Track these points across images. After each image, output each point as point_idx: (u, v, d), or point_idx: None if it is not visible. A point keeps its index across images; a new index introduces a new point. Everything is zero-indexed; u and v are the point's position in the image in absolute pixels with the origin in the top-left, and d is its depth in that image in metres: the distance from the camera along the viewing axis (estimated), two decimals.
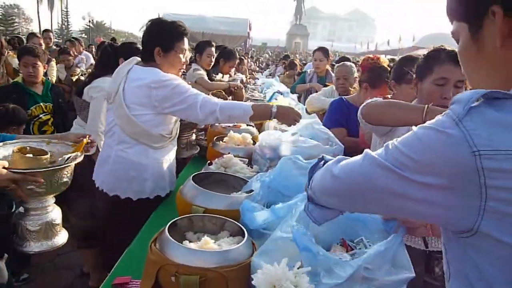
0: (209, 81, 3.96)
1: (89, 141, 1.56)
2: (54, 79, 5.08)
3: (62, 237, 1.44)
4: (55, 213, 1.43)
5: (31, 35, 6.66)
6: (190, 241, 1.26)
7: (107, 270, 1.68)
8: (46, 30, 8.38)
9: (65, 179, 1.37)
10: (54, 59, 5.45)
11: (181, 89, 1.99)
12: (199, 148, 2.62)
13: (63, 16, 50.45)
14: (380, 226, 1.31)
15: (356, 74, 3.43)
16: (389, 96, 2.66)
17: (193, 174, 1.67)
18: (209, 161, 2.08)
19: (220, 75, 4.34)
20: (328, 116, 2.95)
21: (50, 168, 1.33)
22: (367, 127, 1.83)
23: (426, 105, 1.47)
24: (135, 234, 1.89)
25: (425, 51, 1.86)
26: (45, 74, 3.88)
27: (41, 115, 3.15)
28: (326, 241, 1.33)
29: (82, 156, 1.47)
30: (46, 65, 3.67)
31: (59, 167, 1.35)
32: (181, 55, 2.12)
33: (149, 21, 2.18)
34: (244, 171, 1.95)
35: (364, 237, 1.33)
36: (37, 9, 48.82)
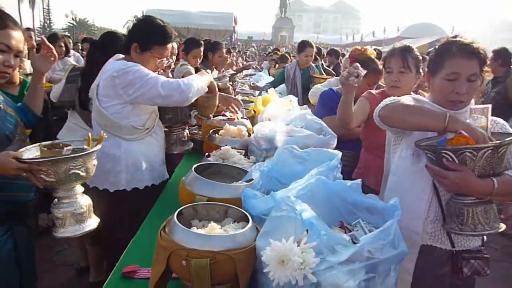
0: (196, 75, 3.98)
1: (106, 136, 1.64)
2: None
3: (91, 223, 1.56)
4: (83, 202, 1.53)
5: (26, 30, 6.57)
6: (197, 228, 1.32)
7: (108, 262, 1.77)
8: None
9: (74, 171, 1.43)
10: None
11: (141, 73, 2.04)
12: (191, 145, 2.64)
13: (45, 14, 49.60)
14: (378, 208, 1.39)
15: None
16: (376, 85, 2.76)
17: (195, 165, 1.72)
18: (206, 154, 2.13)
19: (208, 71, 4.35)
20: (319, 106, 3.06)
21: (50, 158, 1.41)
22: (383, 127, 1.80)
23: (448, 114, 1.49)
24: (118, 224, 2.06)
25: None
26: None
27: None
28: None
29: (95, 148, 1.54)
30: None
31: (58, 157, 1.43)
32: (156, 59, 2.16)
33: (140, 17, 2.28)
34: (242, 161, 2.01)
35: (361, 220, 1.41)
36: (18, 7, 47.82)
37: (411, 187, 1.67)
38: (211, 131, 2.52)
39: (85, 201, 1.55)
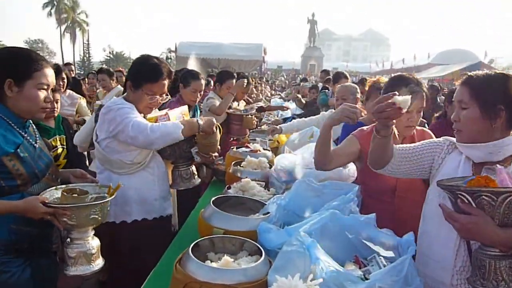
0: (218, 107, 4.01)
1: (122, 185, 1.73)
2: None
3: (97, 264, 1.63)
4: (93, 244, 1.62)
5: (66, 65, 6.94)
6: (211, 261, 1.36)
7: None
8: (66, 64, 8.69)
9: (93, 216, 1.56)
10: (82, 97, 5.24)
11: (121, 111, 2.08)
12: (198, 181, 2.46)
13: (84, 48, 52.53)
14: (392, 243, 1.39)
15: (359, 95, 3.41)
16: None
17: (213, 198, 1.78)
18: (227, 185, 2.18)
19: (235, 103, 4.43)
20: (344, 137, 2.92)
21: (74, 205, 1.54)
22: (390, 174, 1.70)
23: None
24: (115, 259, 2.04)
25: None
26: None
27: (58, 147, 3.25)
28: (339, 259, 1.39)
29: (112, 197, 1.67)
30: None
31: (82, 204, 1.56)
32: (148, 97, 2.16)
33: (140, 56, 2.31)
34: (261, 194, 2.05)
35: (377, 255, 1.40)
36: (60, 43, 51.05)
37: (438, 233, 1.51)
38: (233, 162, 2.58)
39: (95, 243, 1.64)
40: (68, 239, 1.60)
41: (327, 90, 5.57)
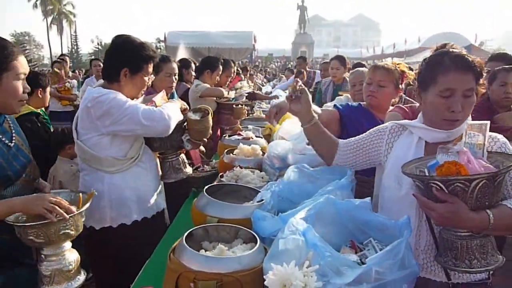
0: (215, 88, 3.93)
1: (96, 193, 1.60)
2: None
3: (78, 279, 1.48)
4: (70, 258, 1.46)
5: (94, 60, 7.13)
6: (206, 250, 1.34)
7: None
8: (62, 55, 8.54)
9: (64, 231, 1.40)
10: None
11: (118, 101, 1.90)
12: (190, 171, 2.40)
13: (72, 40, 51.65)
14: (388, 226, 1.37)
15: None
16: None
17: (206, 187, 1.75)
18: (220, 174, 2.16)
19: (225, 90, 4.37)
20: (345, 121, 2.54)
21: (39, 223, 1.36)
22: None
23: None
24: (112, 265, 1.98)
25: (430, 52, 1.66)
26: None
27: None
28: (335, 244, 1.38)
29: (84, 208, 1.51)
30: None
31: (46, 222, 1.37)
32: (146, 78, 2.08)
33: (115, 38, 2.09)
34: (255, 181, 2.03)
35: (372, 238, 1.39)
36: (47, 35, 50.20)
37: (397, 216, 1.42)
38: (226, 150, 2.55)
39: (73, 257, 1.48)
40: (42, 256, 1.43)
41: (320, 83, 5.37)
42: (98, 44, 44.91)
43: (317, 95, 5.11)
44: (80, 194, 1.58)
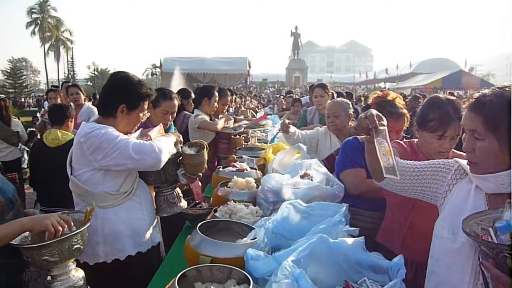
0: (212, 122, 3.98)
1: (96, 206, 1.64)
2: None
3: None
4: (77, 276, 1.51)
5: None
6: None
7: None
8: (74, 85, 7.15)
9: (76, 246, 1.45)
10: None
11: (109, 136, 1.91)
12: (185, 205, 2.39)
13: (69, 66, 52.19)
14: (382, 267, 1.37)
15: (351, 111, 3.28)
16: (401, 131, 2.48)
17: (200, 224, 1.74)
18: (214, 208, 2.15)
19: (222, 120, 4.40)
20: (342, 156, 2.57)
21: (55, 239, 1.40)
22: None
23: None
24: None
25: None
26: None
27: None
28: (329, 284, 1.39)
29: (88, 224, 1.55)
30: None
31: (63, 238, 1.42)
32: (141, 114, 2.11)
33: (114, 74, 2.15)
34: (248, 216, 2.02)
35: (367, 278, 1.38)
36: (44, 61, 50.62)
37: (447, 276, 1.35)
38: (220, 183, 2.55)
39: (80, 274, 1.54)
40: (49, 278, 1.47)
41: (308, 108, 5.31)
42: (94, 70, 45.29)
43: (301, 122, 5.03)
44: (88, 208, 1.62)
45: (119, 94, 2.05)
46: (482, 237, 1.11)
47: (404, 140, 2.22)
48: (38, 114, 11.12)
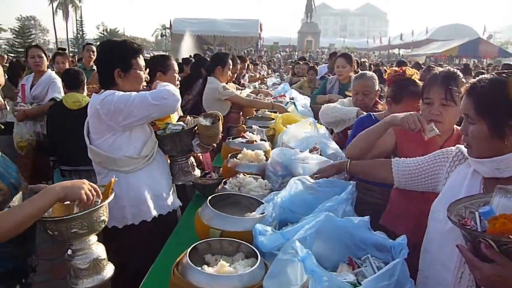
0: (242, 97, 3.92)
1: (116, 179, 1.64)
2: None
3: (109, 269, 1.53)
4: (99, 250, 1.51)
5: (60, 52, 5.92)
6: (208, 263, 1.39)
7: None
8: (88, 44, 6.68)
9: (102, 218, 1.46)
10: None
11: (122, 96, 1.97)
12: (198, 174, 2.48)
13: (77, 26, 51.56)
14: (385, 246, 1.42)
15: (377, 87, 3.06)
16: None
17: (210, 197, 1.80)
18: (224, 180, 2.20)
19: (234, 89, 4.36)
20: (354, 133, 2.47)
21: (84, 212, 1.39)
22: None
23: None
24: (131, 259, 2.01)
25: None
26: None
27: None
28: (333, 260, 1.44)
29: (113, 195, 1.56)
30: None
31: (94, 208, 1.42)
32: (140, 72, 2.12)
33: (98, 46, 2.18)
34: (257, 189, 2.07)
35: (370, 255, 1.43)
36: (52, 20, 50.08)
37: (438, 252, 1.38)
38: (230, 155, 2.59)
39: (101, 248, 1.53)
40: (70, 252, 1.47)
41: (329, 77, 4.87)
42: (103, 30, 44.81)
43: (319, 90, 4.77)
44: (112, 179, 1.62)
45: (108, 61, 2.09)
46: (466, 221, 1.14)
47: None
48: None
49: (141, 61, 2.13)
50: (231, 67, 4.12)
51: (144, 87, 2.22)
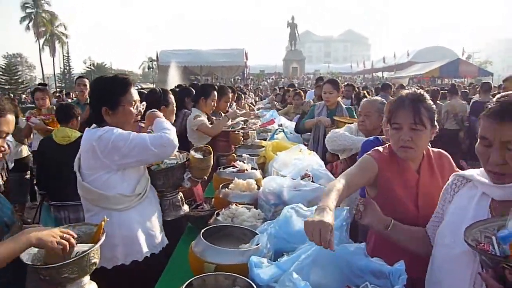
0: (210, 126, 3.98)
1: (107, 220, 1.64)
2: None
3: None
4: None
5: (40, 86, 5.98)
6: None
7: None
8: (80, 77, 6.45)
9: (93, 260, 1.46)
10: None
11: (122, 135, 1.93)
12: (187, 209, 2.47)
13: (64, 61, 51.83)
14: (383, 272, 1.40)
15: (383, 111, 2.88)
16: None
17: (203, 230, 1.77)
18: (216, 212, 2.17)
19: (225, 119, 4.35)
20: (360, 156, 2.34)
21: (75, 258, 1.41)
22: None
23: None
24: None
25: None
26: None
27: None
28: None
29: (104, 237, 1.56)
30: None
31: (84, 254, 1.42)
32: (131, 108, 2.06)
33: (91, 82, 2.19)
34: (250, 219, 2.05)
35: (369, 283, 1.41)
36: (39, 56, 50.26)
37: (448, 281, 1.33)
38: (221, 185, 2.57)
39: (94, 287, 1.54)
40: None
41: (317, 103, 4.89)
42: (90, 64, 45.13)
43: (308, 116, 4.67)
44: (102, 221, 1.62)
45: (96, 99, 2.10)
46: (484, 246, 1.10)
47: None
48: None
49: (130, 96, 2.07)
50: (215, 98, 4.15)
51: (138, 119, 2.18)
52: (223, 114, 4.44)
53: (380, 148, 1.85)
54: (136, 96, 2.11)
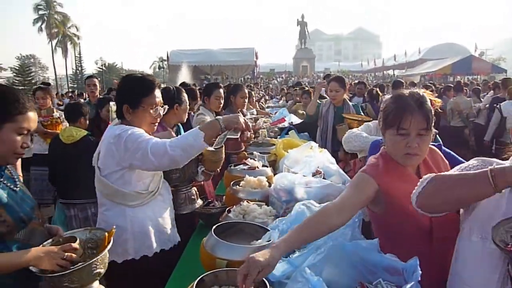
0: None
1: (115, 229, 1.63)
2: None
3: None
4: None
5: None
6: None
7: None
8: (89, 76, 6.49)
9: (96, 270, 1.45)
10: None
11: (133, 136, 1.95)
12: (201, 202, 2.53)
13: (76, 62, 52.41)
14: (397, 268, 1.38)
15: None
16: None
17: (214, 226, 1.77)
18: (227, 209, 2.17)
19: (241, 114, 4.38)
20: (370, 153, 2.34)
21: (74, 269, 1.42)
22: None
23: (489, 169, 1.17)
24: None
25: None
26: None
27: None
28: (344, 285, 1.40)
29: (110, 245, 1.54)
30: None
31: (81, 266, 1.42)
32: (151, 110, 2.08)
33: (121, 79, 2.23)
34: (262, 216, 2.04)
35: (382, 279, 1.39)
36: (52, 57, 50.93)
37: (472, 277, 1.30)
38: (232, 182, 2.57)
39: None
40: None
41: (323, 100, 4.81)
42: (102, 65, 45.58)
43: (314, 114, 4.65)
44: (106, 234, 1.61)
45: (120, 96, 2.15)
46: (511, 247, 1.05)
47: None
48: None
49: (153, 98, 2.08)
50: (219, 95, 4.14)
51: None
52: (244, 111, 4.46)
53: (373, 160, 1.69)
54: (159, 99, 2.13)
